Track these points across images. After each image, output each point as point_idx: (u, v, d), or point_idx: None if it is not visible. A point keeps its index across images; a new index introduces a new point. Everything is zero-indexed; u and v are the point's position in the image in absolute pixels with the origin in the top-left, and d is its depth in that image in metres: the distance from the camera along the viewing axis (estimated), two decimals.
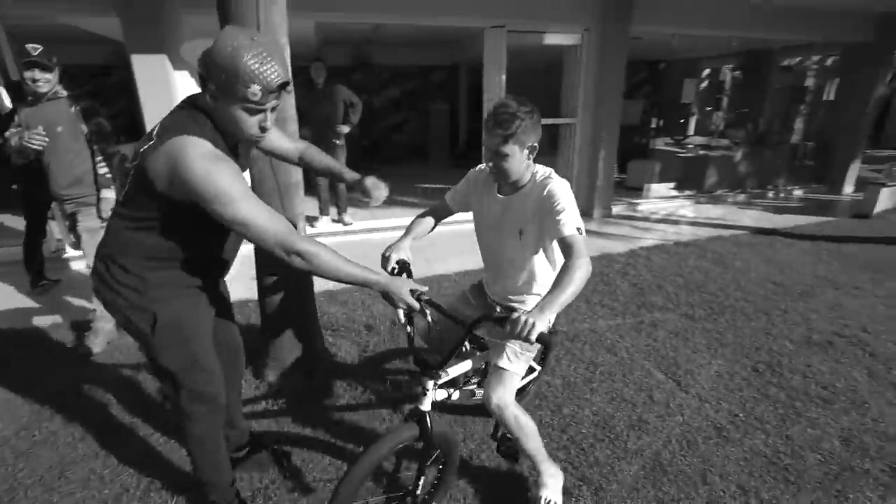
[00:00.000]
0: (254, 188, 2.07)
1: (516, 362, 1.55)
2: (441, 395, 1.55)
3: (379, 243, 4.61)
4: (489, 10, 4.73)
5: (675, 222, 5.59)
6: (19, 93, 2.64)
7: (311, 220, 4.82)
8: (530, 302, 1.63)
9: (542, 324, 1.09)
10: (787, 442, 1.97)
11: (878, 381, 2.41)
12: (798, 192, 7.30)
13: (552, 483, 1.63)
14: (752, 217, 5.85)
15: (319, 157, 1.62)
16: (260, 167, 2.08)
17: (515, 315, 1.09)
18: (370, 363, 2.55)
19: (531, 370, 2.03)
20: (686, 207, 6.36)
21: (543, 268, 1.58)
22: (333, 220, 5.06)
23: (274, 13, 1.96)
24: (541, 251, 1.55)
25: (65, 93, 2.62)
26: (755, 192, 7.11)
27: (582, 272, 1.22)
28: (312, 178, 4.66)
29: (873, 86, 6.76)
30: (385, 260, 1.48)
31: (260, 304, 2.33)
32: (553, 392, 2.29)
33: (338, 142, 4.70)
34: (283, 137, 1.61)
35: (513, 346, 1.55)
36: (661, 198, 6.63)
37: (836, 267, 4.06)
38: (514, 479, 1.80)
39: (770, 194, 7.14)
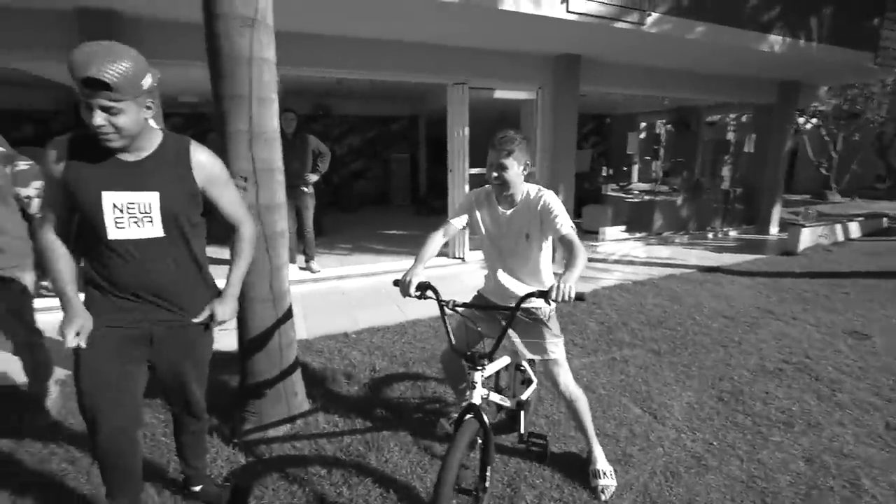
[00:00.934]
0: None
1: (559, 351, 1.92)
2: (483, 392, 1.63)
3: (348, 291, 4.63)
4: (453, 69, 5.09)
5: (630, 262, 5.96)
6: None
7: None
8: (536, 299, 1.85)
9: (575, 286, 1.41)
10: (759, 466, 2.11)
11: (826, 403, 2.64)
12: (733, 233, 8.04)
13: (601, 456, 2.00)
14: (697, 256, 6.35)
15: (234, 256, 1.58)
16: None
17: (555, 284, 1.41)
18: (352, 413, 2.49)
19: (529, 383, 2.18)
20: (638, 248, 6.81)
21: (546, 262, 1.93)
22: (301, 268, 4.99)
23: (265, 71, 2.05)
24: (543, 249, 1.88)
25: None
26: (696, 234, 7.75)
27: (583, 255, 1.58)
28: None
29: (784, 140, 7.76)
30: (406, 285, 1.64)
31: (240, 354, 2.26)
32: (539, 430, 2.32)
33: (306, 189, 4.73)
34: (238, 206, 1.56)
35: (551, 342, 1.90)
36: (615, 240, 7.07)
37: (773, 300, 4.46)
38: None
39: (709, 235, 7.81)
